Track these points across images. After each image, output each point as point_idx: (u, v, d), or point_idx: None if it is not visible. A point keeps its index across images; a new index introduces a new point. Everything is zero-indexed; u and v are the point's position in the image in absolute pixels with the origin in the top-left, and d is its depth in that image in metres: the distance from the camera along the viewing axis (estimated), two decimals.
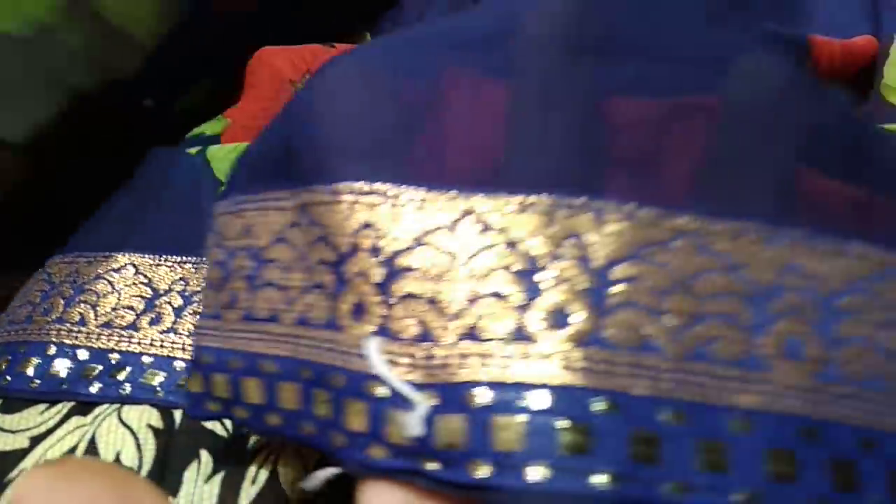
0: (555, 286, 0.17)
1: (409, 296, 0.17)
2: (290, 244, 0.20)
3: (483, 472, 0.16)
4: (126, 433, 0.24)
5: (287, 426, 0.19)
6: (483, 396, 0.16)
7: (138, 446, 0.24)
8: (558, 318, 0.16)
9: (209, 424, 0.24)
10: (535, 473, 0.15)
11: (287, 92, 0.36)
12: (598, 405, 0.16)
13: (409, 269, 0.17)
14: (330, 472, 0.18)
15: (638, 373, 0.16)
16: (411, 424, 0.16)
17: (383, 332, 0.17)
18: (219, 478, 0.23)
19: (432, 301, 0.17)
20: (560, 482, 0.15)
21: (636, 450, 0.16)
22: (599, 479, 0.15)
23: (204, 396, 0.21)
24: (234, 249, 0.21)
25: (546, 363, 0.16)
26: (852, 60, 0.32)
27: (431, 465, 0.16)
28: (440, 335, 0.17)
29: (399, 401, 0.17)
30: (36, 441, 0.25)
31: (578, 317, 0.16)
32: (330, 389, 0.18)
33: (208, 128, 0.36)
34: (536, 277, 0.17)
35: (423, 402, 0.16)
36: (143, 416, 0.25)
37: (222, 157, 0.33)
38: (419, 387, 0.16)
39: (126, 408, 0.25)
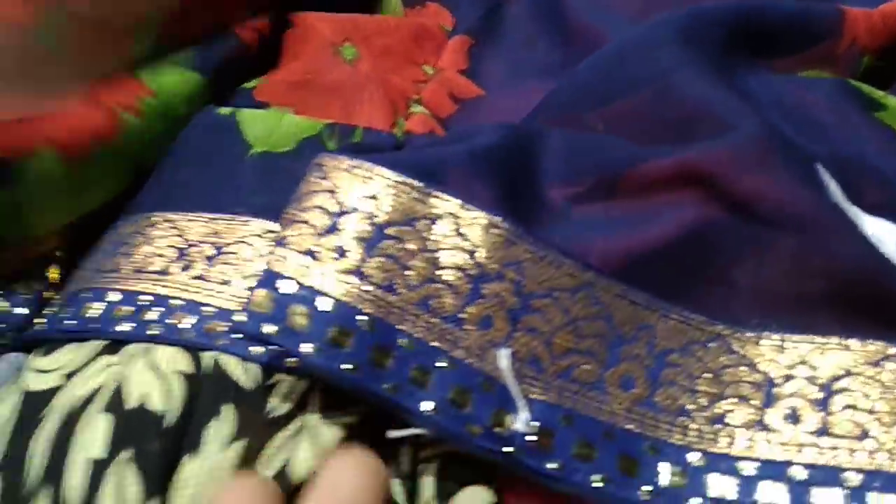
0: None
1: (533, 329, 0.23)
2: (417, 234, 0.23)
3: (554, 465, 0.22)
4: (154, 377, 0.24)
5: (363, 376, 0.22)
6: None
7: (165, 391, 0.24)
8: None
9: (235, 375, 0.24)
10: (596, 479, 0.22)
11: (327, 54, 0.37)
12: (647, 449, 0.23)
13: (537, 311, 0.23)
14: (413, 431, 0.22)
15: (674, 430, 0.23)
16: (518, 422, 0.22)
17: (503, 347, 0.22)
18: (238, 446, 0.23)
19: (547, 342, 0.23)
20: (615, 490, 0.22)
21: (626, 469, 0.23)
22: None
23: (266, 319, 0.22)
24: (349, 209, 0.23)
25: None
26: (894, 27, 0.34)
27: (508, 449, 0.22)
28: (548, 368, 0.23)
29: (507, 401, 0.22)
30: (69, 378, 0.25)
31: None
32: (430, 368, 0.22)
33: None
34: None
35: (526, 411, 0.22)
36: (173, 360, 0.25)
37: (254, 120, 0.32)
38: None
39: (156, 350, 0.25)
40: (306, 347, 0.21)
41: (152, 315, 0.26)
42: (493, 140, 0.26)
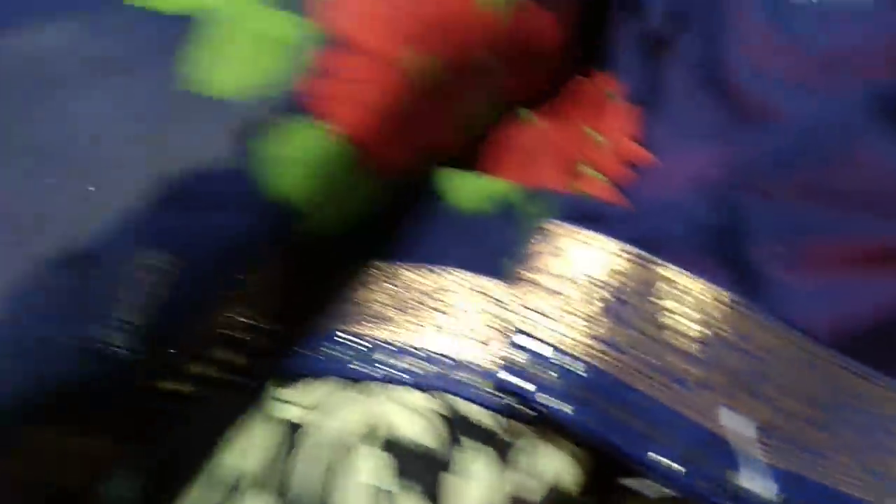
0: None
1: (759, 395, 0.25)
2: (644, 300, 0.26)
3: None
4: (414, 415, 0.27)
5: (604, 429, 0.24)
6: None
7: (427, 427, 0.26)
8: None
9: (479, 417, 0.27)
10: None
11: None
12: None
13: (762, 377, 0.25)
14: (647, 482, 0.25)
15: (843, 478, 0.25)
16: (748, 481, 0.24)
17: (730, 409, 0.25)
18: (499, 468, 0.26)
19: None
20: None
21: None
22: None
23: (516, 373, 0.25)
24: (577, 275, 0.26)
25: None
26: None
27: None
28: (772, 433, 0.25)
29: (733, 460, 0.24)
30: (310, 413, 0.28)
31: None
32: (661, 424, 0.24)
33: None
34: None
35: (764, 476, 0.24)
36: (421, 400, 0.27)
37: (446, 177, 0.35)
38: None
39: (398, 389, 0.28)
40: (554, 402, 0.24)
41: (382, 357, 0.29)
42: (702, 212, 0.28)
